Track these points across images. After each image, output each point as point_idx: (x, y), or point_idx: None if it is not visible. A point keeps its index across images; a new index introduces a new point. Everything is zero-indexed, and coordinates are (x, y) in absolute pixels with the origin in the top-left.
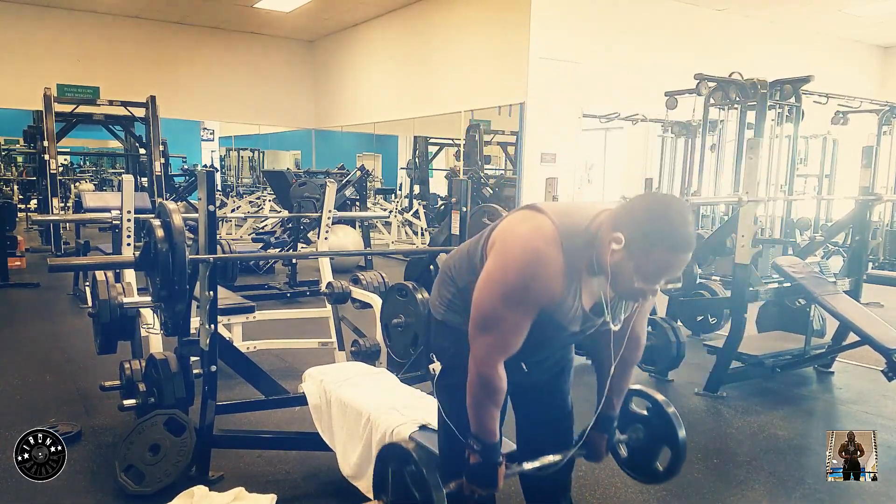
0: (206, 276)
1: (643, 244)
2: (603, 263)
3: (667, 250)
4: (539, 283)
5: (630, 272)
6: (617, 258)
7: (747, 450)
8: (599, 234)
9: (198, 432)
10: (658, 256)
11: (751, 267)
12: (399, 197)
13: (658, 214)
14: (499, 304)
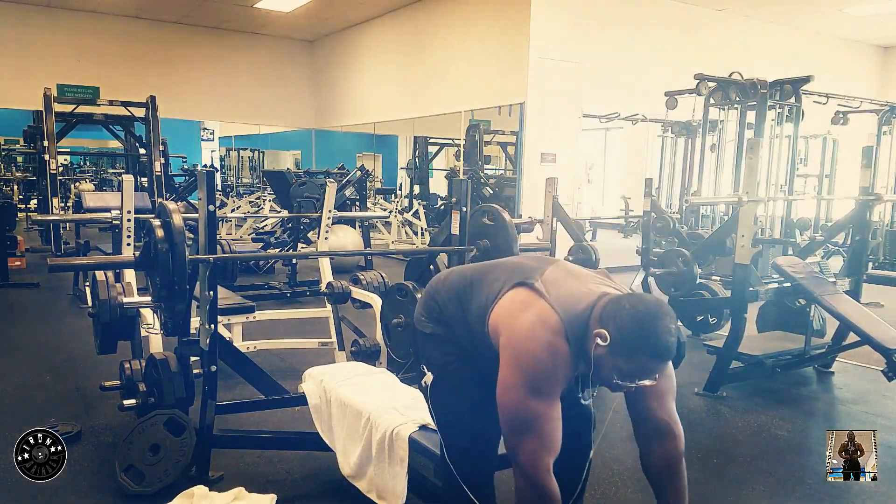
0: (206, 276)
1: (625, 348)
2: (587, 352)
3: (647, 358)
4: (557, 372)
5: (610, 368)
6: (599, 353)
7: (747, 450)
8: (592, 320)
9: (198, 432)
10: (638, 362)
11: (751, 267)
12: (399, 197)
13: (644, 324)
14: (527, 400)
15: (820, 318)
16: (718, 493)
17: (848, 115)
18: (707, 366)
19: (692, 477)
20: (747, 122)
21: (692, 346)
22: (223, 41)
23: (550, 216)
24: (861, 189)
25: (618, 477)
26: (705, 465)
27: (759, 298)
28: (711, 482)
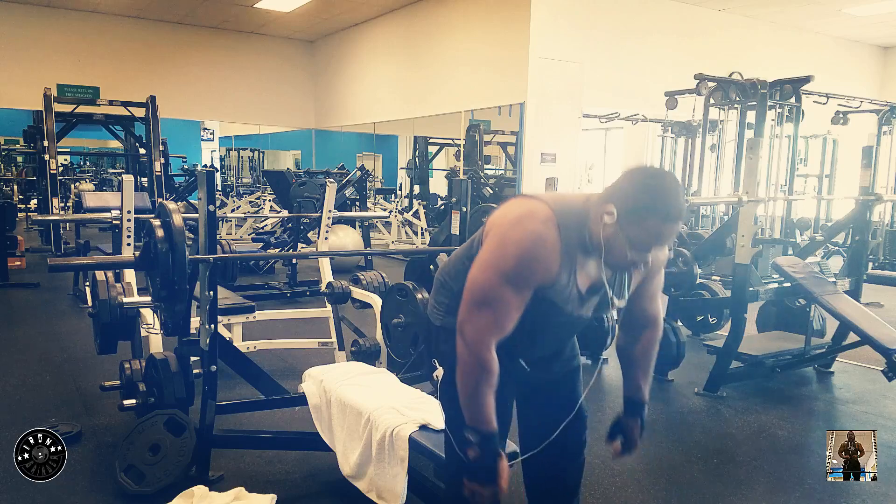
0: (206, 276)
1: (635, 215)
2: (596, 237)
3: (659, 220)
4: (538, 262)
5: (622, 243)
6: (609, 231)
7: (747, 450)
8: (592, 211)
9: (198, 432)
10: (650, 226)
11: (751, 267)
12: (399, 197)
13: (650, 186)
14: (496, 282)
15: (820, 318)
16: (718, 493)
17: (848, 115)
18: (707, 366)
19: (692, 477)
20: (747, 122)
21: (692, 346)
22: (223, 41)
23: None
24: (861, 189)
25: (618, 477)
26: (705, 465)
27: (759, 298)
28: (711, 482)
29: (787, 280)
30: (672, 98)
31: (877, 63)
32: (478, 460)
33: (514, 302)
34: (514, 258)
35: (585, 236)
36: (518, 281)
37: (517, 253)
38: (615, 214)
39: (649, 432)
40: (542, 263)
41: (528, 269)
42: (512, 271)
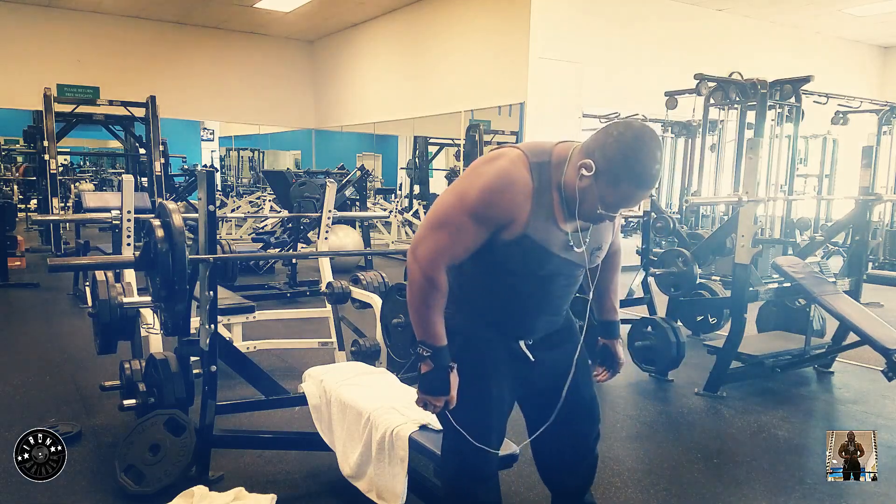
0: (206, 276)
1: (611, 176)
2: (570, 186)
3: (633, 186)
4: (502, 197)
5: (594, 198)
6: (585, 184)
7: (747, 450)
8: (570, 157)
9: (198, 432)
10: (623, 189)
11: (751, 267)
12: (399, 197)
13: (630, 150)
14: (459, 208)
15: (820, 318)
16: (718, 493)
17: (848, 115)
18: (707, 366)
19: (692, 477)
20: (747, 122)
21: (692, 346)
22: (223, 41)
23: None
24: (861, 189)
25: (617, 477)
26: (705, 465)
27: (759, 298)
28: (711, 482)
29: (787, 280)
30: (672, 98)
31: (877, 63)
32: (430, 372)
33: (471, 231)
34: (480, 190)
35: (561, 182)
36: (479, 211)
37: (483, 185)
38: (593, 170)
39: (649, 432)
40: (506, 199)
41: (492, 203)
42: (475, 201)
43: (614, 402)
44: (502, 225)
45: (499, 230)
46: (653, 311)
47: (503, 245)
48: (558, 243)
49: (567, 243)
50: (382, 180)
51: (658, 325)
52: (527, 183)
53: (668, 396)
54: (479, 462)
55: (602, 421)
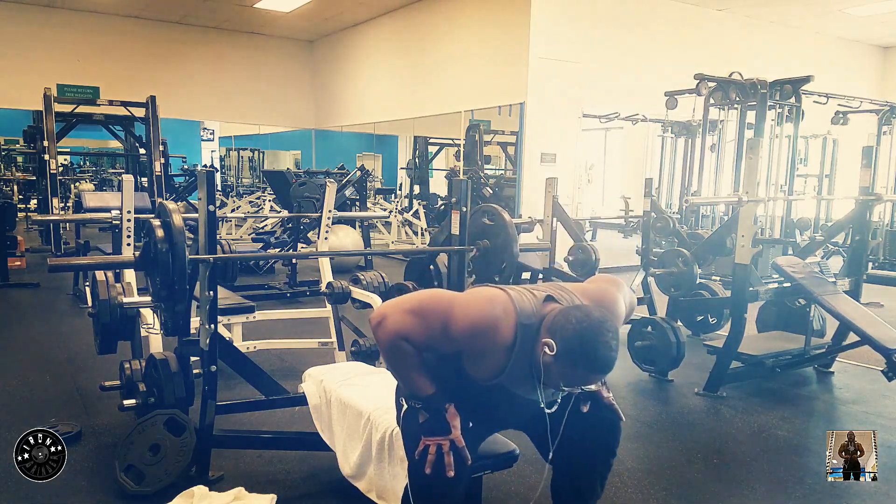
0: (206, 276)
1: (569, 360)
2: (536, 358)
3: (588, 371)
4: (477, 343)
5: (556, 375)
6: (547, 360)
7: (747, 450)
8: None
9: (198, 432)
10: (580, 373)
11: (751, 267)
12: (399, 197)
13: (585, 340)
14: (439, 315)
15: (820, 318)
16: (718, 493)
17: (848, 115)
18: (707, 366)
19: (692, 477)
20: (747, 122)
21: (692, 346)
22: (223, 41)
23: (550, 216)
24: (861, 189)
25: (618, 477)
26: (705, 465)
27: (759, 298)
28: (711, 482)
29: (787, 280)
30: (672, 98)
31: (877, 63)
32: (428, 419)
33: (437, 338)
34: (462, 319)
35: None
36: (452, 334)
37: (469, 319)
38: (554, 349)
39: (649, 432)
40: (479, 344)
41: (466, 337)
42: (457, 330)
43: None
44: (467, 356)
45: (463, 359)
46: (653, 311)
47: (475, 385)
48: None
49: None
50: (382, 180)
51: (658, 325)
52: (509, 337)
53: (668, 396)
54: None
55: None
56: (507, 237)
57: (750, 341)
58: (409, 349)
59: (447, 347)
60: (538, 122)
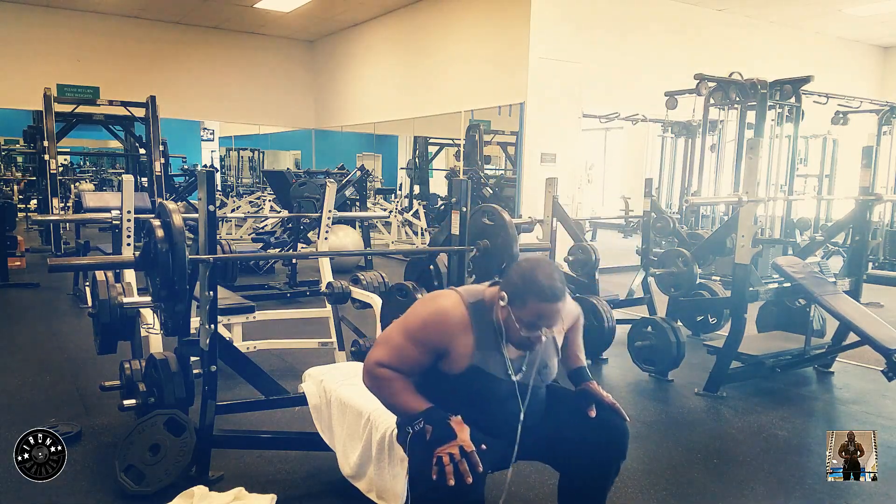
0: (206, 276)
1: (518, 299)
2: (497, 321)
3: (538, 301)
4: (439, 328)
5: (515, 325)
6: (504, 314)
7: (747, 450)
8: (494, 299)
9: (198, 432)
10: (531, 307)
11: (751, 267)
12: (399, 197)
13: (527, 273)
14: (401, 331)
15: (820, 318)
16: (718, 493)
17: (848, 115)
18: (707, 366)
19: (692, 477)
20: (747, 122)
21: (692, 346)
22: (223, 41)
23: (550, 216)
24: (861, 189)
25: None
26: (705, 465)
27: (759, 298)
28: (711, 482)
29: (787, 280)
30: (672, 98)
31: (877, 63)
32: (433, 432)
33: (410, 350)
34: (417, 318)
35: (493, 319)
36: (417, 335)
37: (422, 315)
38: (506, 300)
39: (649, 432)
40: (441, 329)
41: (428, 329)
42: (413, 326)
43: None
44: (441, 352)
45: (440, 358)
46: (653, 311)
47: (454, 380)
48: (501, 371)
49: (510, 369)
50: (382, 180)
51: (658, 325)
52: (462, 318)
53: (668, 396)
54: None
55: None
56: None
57: (750, 341)
58: (388, 373)
59: (416, 353)
60: (538, 122)
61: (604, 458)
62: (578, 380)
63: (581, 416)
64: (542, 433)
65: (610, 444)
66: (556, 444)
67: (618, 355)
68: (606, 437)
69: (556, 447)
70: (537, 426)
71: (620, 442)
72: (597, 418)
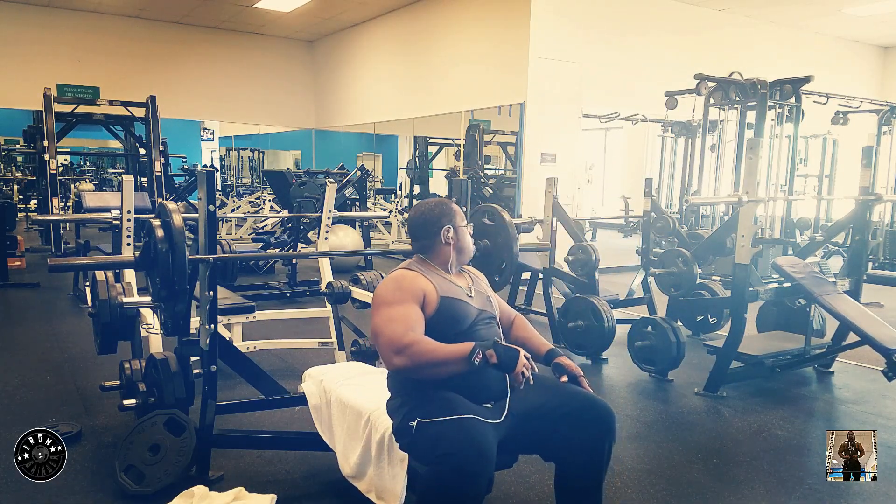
0: (206, 276)
1: (448, 220)
2: (451, 257)
3: (451, 212)
4: (406, 282)
5: (462, 239)
6: (454, 239)
7: (747, 450)
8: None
9: (198, 432)
10: (456, 215)
11: (751, 267)
12: (399, 197)
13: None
14: (382, 299)
15: (820, 318)
16: (718, 493)
17: (848, 115)
18: (707, 366)
19: (692, 477)
20: (747, 122)
21: (692, 346)
22: (223, 41)
23: (550, 216)
24: (861, 189)
25: (618, 477)
26: (705, 465)
27: (759, 298)
28: (711, 482)
29: (787, 280)
30: (672, 98)
31: (877, 63)
32: (497, 357)
33: (408, 310)
34: (387, 285)
35: (446, 263)
36: (403, 297)
37: (389, 282)
38: (450, 230)
39: (649, 432)
40: (408, 282)
41: (401, 286)
42: (395, 297)
43: (615, 402)
44: (420, 300)
45: (423, 306)
46: (653, 311)
47: (436, 316)
48: (463, 295)
49: (467, 294)
50: (382, 180)
51: (658, 325)
52: (415, 274)
53: (668, 396)
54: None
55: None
56: (508, 237)
57: (750, 341)
58: (414, 338)
59: (412, 309)
60: (538, 122)
61: (594, 440)
62: (551, 358)
63: (567, 403)
64: (534, 425)
65: (597, 422)
66: (548, 433)
67: (618, 355)
68: (593, 415)
69: (547, 437)
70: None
71: (607, 419)
72: (582, 400)
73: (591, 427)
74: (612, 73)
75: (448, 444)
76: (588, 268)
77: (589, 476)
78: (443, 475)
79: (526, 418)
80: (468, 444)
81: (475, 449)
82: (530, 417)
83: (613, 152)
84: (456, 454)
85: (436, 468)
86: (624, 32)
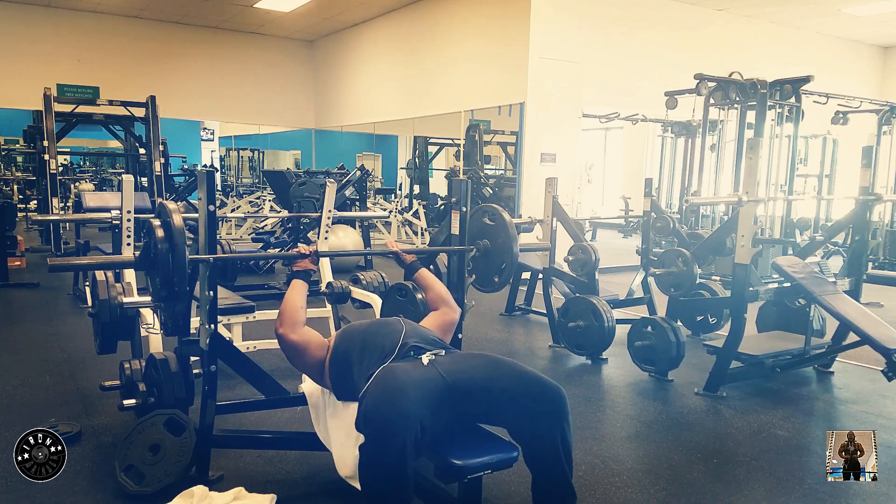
0: (206, 276)
1: None
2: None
3: None
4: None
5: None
6: None
7: (747, 450)
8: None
9: (198, 432)
10: None
11: (751, 267)
12: (399, 197)
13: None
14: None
15: (820, 318)
16: (718, 493)
17: (848, 115)
18: (707, 366)
19: (692, 477)
20: (747, 122)
21: (692, 346)
22: (223, 41)
23: (550, 216)
24: (861, 189)
25: (617, 477)
26: (705, 465)
27: (759, 298)
28: (711, 482)
29: (787, 280)
30: (672, 98)
31: (877, 63)
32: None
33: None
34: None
35: None
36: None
37: None
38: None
39: (649, 432)
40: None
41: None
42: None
43: (614, 402)
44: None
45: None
46: (653, 311)
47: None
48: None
49: None
50: (382, 180)
51: (658, 325)
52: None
53: (668, 396)
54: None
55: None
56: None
57: (750, 341)
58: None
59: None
60: (538, 122)
61: (545, 414)
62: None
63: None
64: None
65: (546, 401)
66: (502, 407)
67: (618, 355)
68: (540, 392)
69: (505, 410)
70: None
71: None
72: (532, 381)
73: (541, 405)
74: (612, 72)
75: (370, 410)
76: (588, 268)
77: (549, 455)
78: (368, 439)
79: (475, 391)
80: (386, 403)
81: (393, 407)
82: (479, 391)
83: (613, 152)
84: (375, 417)
85: (365, 436)
86: (624, 32)
